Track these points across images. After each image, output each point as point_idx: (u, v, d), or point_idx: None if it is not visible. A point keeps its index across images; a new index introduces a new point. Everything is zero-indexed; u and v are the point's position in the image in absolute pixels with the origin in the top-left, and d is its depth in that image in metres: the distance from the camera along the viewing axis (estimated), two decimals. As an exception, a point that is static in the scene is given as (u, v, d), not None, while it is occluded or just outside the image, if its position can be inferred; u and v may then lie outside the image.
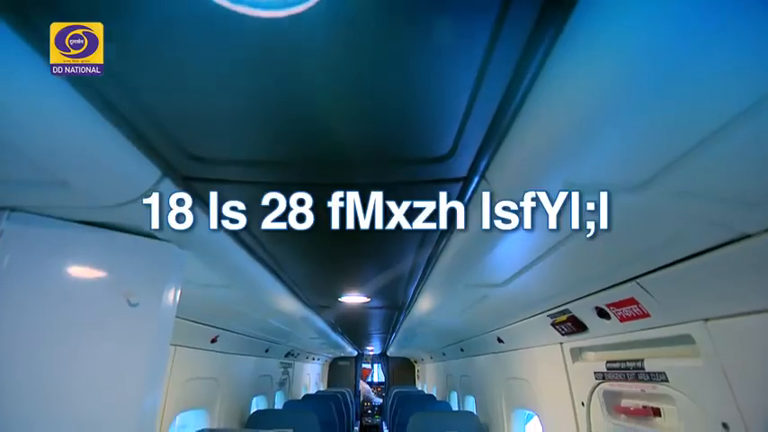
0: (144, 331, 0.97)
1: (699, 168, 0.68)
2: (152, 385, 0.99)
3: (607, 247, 1.07)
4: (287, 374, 5.09)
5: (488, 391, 3.21)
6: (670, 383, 1.26)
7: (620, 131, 0.63)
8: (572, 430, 1.85)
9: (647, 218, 0.86)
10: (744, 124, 0.58)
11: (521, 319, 2.08)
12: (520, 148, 0.70)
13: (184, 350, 2.34)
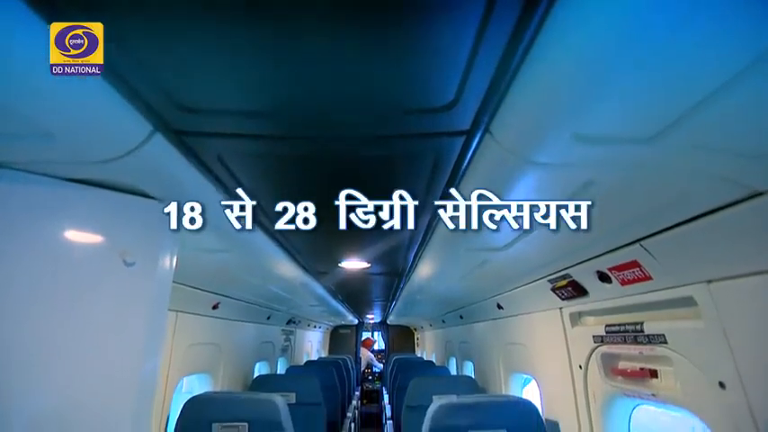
0: (141, 293, 0.96)
1: (713, 120, 0.65)
2: (151, 349, 0.98)
3: (612, 209, 1.05)
4: (289, 341, 5.18)
5: (487, 356, 3.27)
6: (669, 345, 1.26)
7: (629, 82, 0.60)
8: (569, 393, 1.88)
9: (656, 175, 0.83)
10: (760, 72, 0.55)
11: (521, 284, 2.09)
12: (525, 99, 0.66)
13: (186, 316, 2.36)
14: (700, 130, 0.67)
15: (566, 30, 0.53)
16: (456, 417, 1.79)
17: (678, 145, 0.71)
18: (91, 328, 0.90)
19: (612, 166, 0.79)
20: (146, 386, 0.97)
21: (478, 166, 0.83)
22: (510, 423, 1.81)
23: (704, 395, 1.16)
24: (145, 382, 0.96)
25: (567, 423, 1.90)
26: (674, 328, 1.25)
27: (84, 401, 0.89)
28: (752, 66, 0.54)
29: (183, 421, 1.98)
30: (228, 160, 0.89)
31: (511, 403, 1.89)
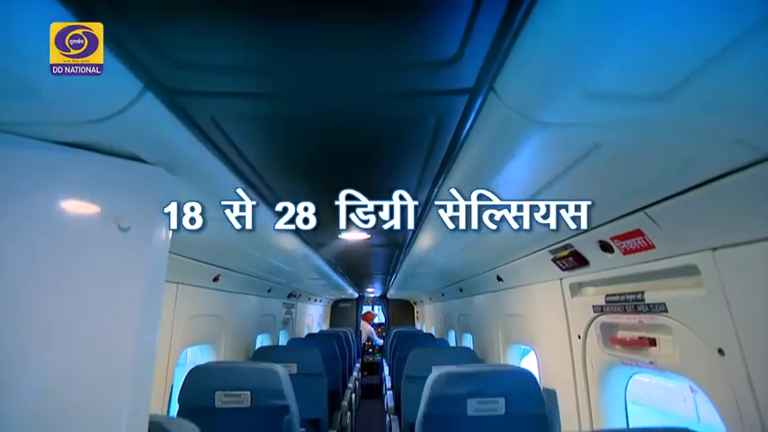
0: (138, 259, 0.94)
1: (726, 78, 0.62)
2: (150, 317, 0.97)
3: (618, 175, 1.03)
4: (290, 314, 5.24)
5: (486, 328, 3.30)
6: (669, 314, 1.26)
7: (639, 36, 0.56)
8: (567, 362, 1.90)
9: (665, 137, 0.80)
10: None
11: (521, 256, 2.08)
12: (532, 54, 0.63)
13: (187, 288, 2.37)
14: (712, 88, 0.64)
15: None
16: (455, 385, 1.82)
17: (689, 104, 0.68)
18: (88, 296, 0.89)
19: (621, 127, 0.77)
20: (145, 355, 0.96)
21: (482, 127, 0.81)
22: (508, 391, 1.84)
23: (702, 362, 1.16)
24: (144, 351, 0.95)
25: (565, 392, 1.93)
26: (674, 297, 1.25)
27: (81, 372, 0.87)
28: (765, 21, 0.51)
29: (187, 390, 2.01)
30: (223, 122, 0.86)
31: (509, 372, 1.92)
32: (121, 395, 0.90)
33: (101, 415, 0.88)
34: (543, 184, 1.13)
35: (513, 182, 1.12)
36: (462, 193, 1.32)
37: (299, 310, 5.88)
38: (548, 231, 1.64)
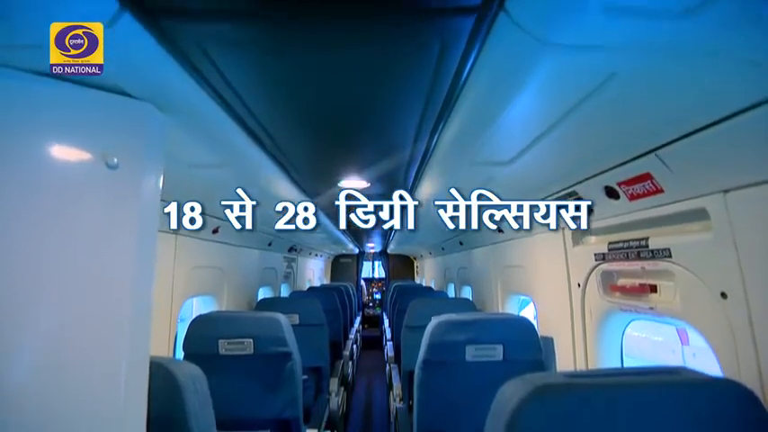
0: (128, 200, 0.90)
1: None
2: (144, 260, 0.93)
3: (632, 112, 0.97)
4: (291, 269, 5.30)
5: (485, 280, 3.33)
6: (673, 259, 1.25)
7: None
8: (565, 311, 1.92)
9: (686, 65, 0.74)
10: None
11: (523, 206, 2.06)
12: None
13: (186, 239, 2.36)
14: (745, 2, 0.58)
15: None
16: (454, 332, 1.84)
17: (718, 20, 0.62)
18: (80, 237, 0.86)
19: (641, 52, 0.71)
20: (142, 297, 0.94)
21: (490, 53, 0.74)
22: (506, 338, 1.86)
23: (703, 306, 1.16)
24: (140, 291, 0.93)
25: (562, 339, 1.96)
26: (679, 242, 1.23)
27: (79, 317, 0.86)
28: None
29: (191, 338, 2.05)
30: (212, 51, 0.79)
31: (508, 320, 1.94)
32: (120, 338, 0.90)
33: (101, 358, 0.88)
34: (551, 123, 1.07)
35: (519, 120, 1.07)
36: (465, 138, 1.27)
37: (300, 265, 5.94)
38: (551, 179, 1.61)
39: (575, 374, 0.84)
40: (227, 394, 1.98)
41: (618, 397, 0.78)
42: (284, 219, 1.31)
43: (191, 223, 0.84)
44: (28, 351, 0.82)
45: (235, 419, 1.99)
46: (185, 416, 1.01)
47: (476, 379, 1.84)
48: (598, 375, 0.85)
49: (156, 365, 1.02)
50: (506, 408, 0.78)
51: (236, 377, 2.04)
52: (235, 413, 2.01)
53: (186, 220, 0.88)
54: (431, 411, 1.86)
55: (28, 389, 0.80)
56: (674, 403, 0.78)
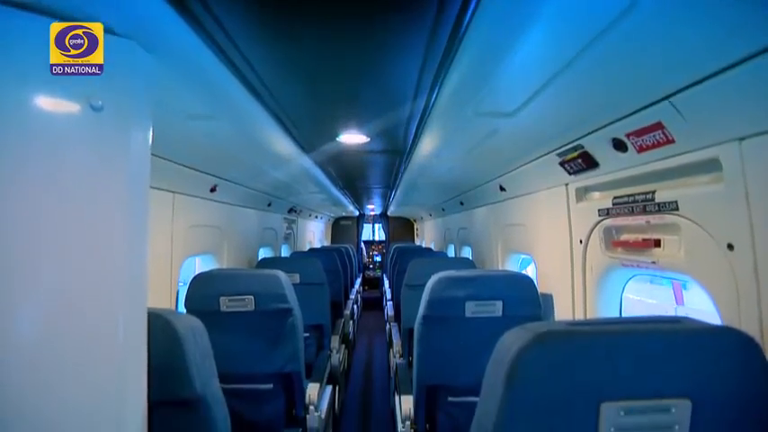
0: (117, 148, 0.86)
1: None
2: (135, 216, 0.90)
3: (648, 53, 0.91)
4: (291, 230, 5.30)
5: (485, 239, 3.33)
6: (679, 212, 1.22)
7: None
8: (566, 268, 1.92)
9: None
10: None
11: (526, 161, 2.01)
12: None
13: (184, 198, 2.33)
14: None
15: None
16: (454, 288, 1.84)
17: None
18: (69, 186, 0.83)
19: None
20: (136, 247, 0.92)
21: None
22: (506, 294, 1.86)
23: (708, 259, 1.14)
24: (134, 240, 0.91)
25: (561, 296, 1.97)
26: (687, 195, 1.20)
27: (71, 275, 0.83)
28: None
29: (192, 296, 2.05)
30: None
31: (508, 276, 1.94)
32: (116, 289, 0.88)
33: (98, 309, 0.86)
34: (558, 69, 1.02)
35: (524, 67, 1.02)
36: (468, 88, 1.21)
37: (300, 226, 5.95)
38: (557, 132, 1.55)
39: (575, 323, 0.83)
40: (229, 350, 2.01)
41: (619, 344, 0.77)
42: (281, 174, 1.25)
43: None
44: (23, 305, 0.80)
45: (238, 374, 2.04)
46: (186, 365, 1.01)
47: (475, 334, 1.86)
48: (599, 324, 0.84)
49: (156, 316, 1.02)
50: (507, 356, 0.77)
51: (238, 333, 2.07)
52: (238, 368, 2.05)
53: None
54: (430, 365, 1.89)
55: (27, 342, 0.79)
56: (674, 350, 0.77)
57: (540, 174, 1.99)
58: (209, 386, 1.08)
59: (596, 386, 0.76)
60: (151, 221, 1.99)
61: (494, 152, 1.98)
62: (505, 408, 0.76)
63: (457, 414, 1.95)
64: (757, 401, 0.77)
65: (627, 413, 0.76)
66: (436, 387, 1.93)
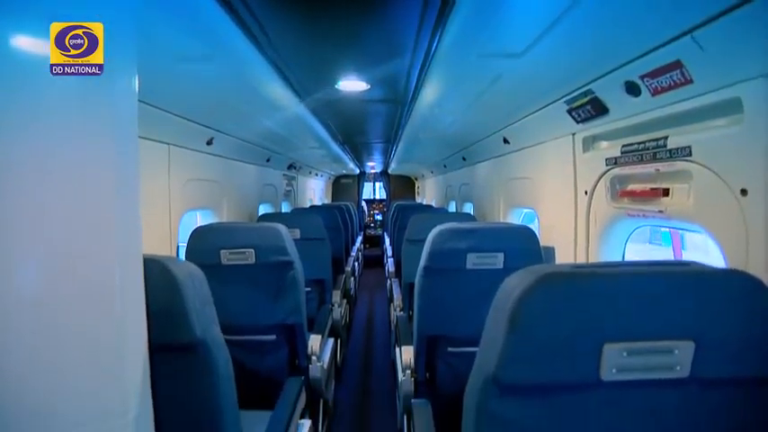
0: (98, 96, 0.80)
1: None
2: (124, 156, 0.85)
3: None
4: (291, 187, 5.26)
5: (487, 194, 3.30)
6: (692, 158, 1.17)
7: None
8: (569, 221, 1.89)
9: None
10: None
11: (532, 111, 1.94)
12: None
13: (180, 150, 2.28)
14: None
15: None
16: (456, 240, 1.82)
17: None
18: (45, 138, 0.77)
19: None
20: (127, 197, 0.88)
21: None
22: (508, 246, 1.84)
23: (718, 205, 1.11)
24: (126, 191, 0.87)
25: (564, 249, 1.96)
26: (701, 140, 1.15)
27: (63, 222, 0.80)
28: None
29: (192, 249, 2.04)
30: None
31: (510, 228, 1.91)
32: (109, 235, 0.85)
33: (93, 255, 0.84)
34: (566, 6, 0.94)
35: (532, 3, 0.94)
36: (473, 26, 1.13)
37: (301, 184, 5.90)
38: (566, 76, 1.48)
39: (579, 266, 0.81)
40: (231, 302, 2.02)
41: (623, 285, 0.75)
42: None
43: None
44: (15, 257, 0.77)
45: (240, 326, 2.06)
46: (185, 310, 1.00)
47: (475, 286, 1.86)
48: (603, 266, 0.82)
49: (154, 262, 1.00)
50: (510, 298, 0.75)
51: (239, 286, 2.07)
52: (240, 320, 2.07)
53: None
54: (431, 317, 1.90)
55: (27, 294, 0.77)
56: (680, 291, 0.75)
57: (546, 124, 1.93)
58: (210, 331, 1.08)
59: (599, 327, 0.75)
60: (147, 174, 1.96)
61: (498, 101, 1.90)
62: (507, 350, 0.75)
63: (456, 364, 1.98)
64: (761, 343, 0.76)
65: (629, 354, 0.76)
66: (436, 337, 1.95)
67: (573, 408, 0.81)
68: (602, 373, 0.76)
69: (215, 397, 1.11)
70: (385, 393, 3.11)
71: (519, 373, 0.76)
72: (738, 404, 0.82)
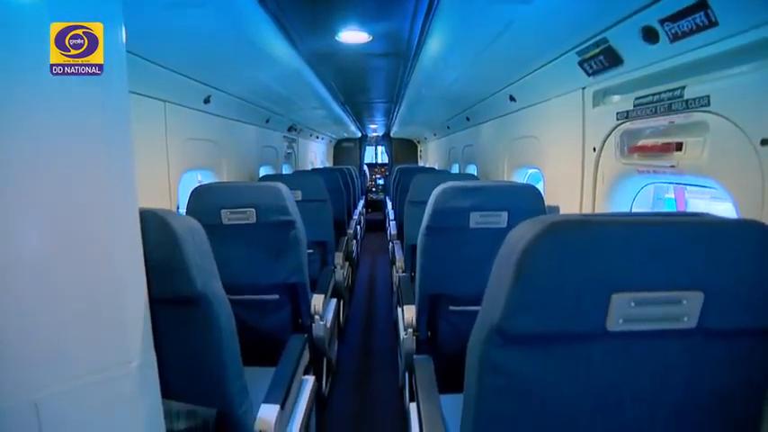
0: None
1: None
2: (114, 109, 0.81)
3: None
4: (292, 149, 5.19)
5: (491, 155, 3.24)
6: (710, 107, 1.12)
7: None
8: (575, 179, 1.85)
9: None
10: None
11: (541, 65, 1.86)
12: None
13: (176, 108, 2.21)
14: None
15: None
16: (459, 198, 1.79)
17: None
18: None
19: None
20: (119, 150, 0.84)
21: None
22: (512, 205, 1.81)
23: (735, 158, 1.07)
24: (118, 145, 0.83)
25: (569, 208, 1.93)
26: (721, 88, 1.09)
27: (56, 176, 0.77)
28: None
29: (193, 209, 2.02)
30: None
31: (514, 187, 1.87)
32: (103, 189, 0.82)
33: (88, 208, 0.81)
34: None
35: None
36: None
37: (302, 147, 5.82)
38: (578, 25, 1.40)
39: (589, 215, 0.78)
40: (233, 262, 2.02)
41: (634, 234, 0.72)
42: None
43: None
44: (18, 219, 0.75)
45: (243, 285, 2.06)
46: (185, 264, 0.99)
47: (478, 245, 1.84)
48: (613, 215, 0.79)
49: (152, 214, 0.98)
50: (517, 246, 0.73)
51: (241, 246, 2.06)
52: (242, 280, 2.07)
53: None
54: (433, 275, 1.89)
55: (24, 251, 0.75)
56: (693, 241, 0.73)
57: (556, 78, 1.85)
58: (211, 285, 1.07)
59: (608, 277, 0.73)
60: (143, 131, 1.91)
61: (506, 54, 1.81)
62: (513, 300, 0.73)
63: (458, 322, 1.99)
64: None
65: (637, 304, 0.74)
66: (438, 296, 1.96)
67: (576, 358, 0.80)
68: (609, 324, 0.75)
69: (218, 351, 1.12)
70: (387, 353, 3.17)
71: (524, 323, 0.74)
72: (744, 355, 0.82)
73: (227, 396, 1.16)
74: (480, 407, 0.84)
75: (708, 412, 0.86)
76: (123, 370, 0.81)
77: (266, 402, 1.37)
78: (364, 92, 3.30)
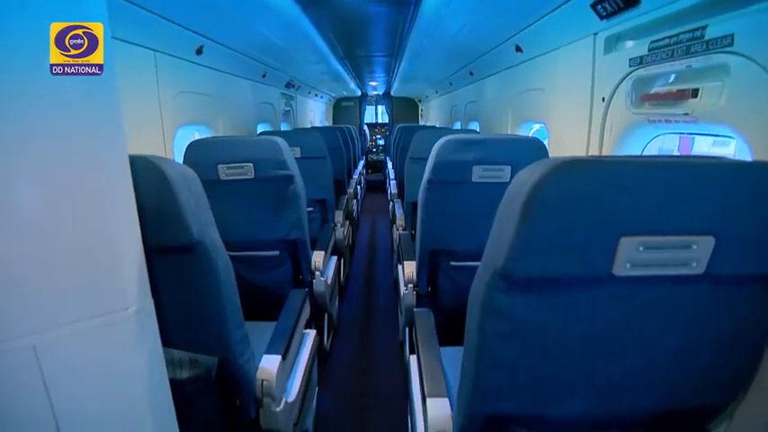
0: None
1: None
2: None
3: None
4: (290, 107, 5.06)
5: (495, 110, 3.15)
6: (733, 48, 1.05)
7: None
8: (582, 132, 1.79)
9: None
10: None
11: (552, 9, 1.75)
12: None
13: (167, 59, 2.12)
14: None
15: None
16: (462, 151, 1.74)
17: None
18: None
19: None
20: (105, 97, 0.79)
21: None
22: (515, 159, 1.76)
23: (755, 103, 1.02)
24: (102, 91, 0.78)
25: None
26: (747, 25, 1.02)
27: (40, 124, 0.72)
28: None
29: (188, 164, 1.96)
30: None
31: (518, 140, 1.82)
32: (90, 134, 0.78)
33: (76, 157, 0.77)
34: None
35: None
36: None
37: (300, 105, 5.67)
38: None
39: (601, 156, 0.74)
40: (232, 218, 1.99)
41: (647, 174, 0.69)
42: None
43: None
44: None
45: (242, 242, 2.05)
46: (180, 211, 0.96)
47: (481, 200, 1.80)
48: (627, 157, 0.75)
49: (143, 160, 0.94)
50: (524, 187, 0.70)
51: (239, 202, 2.03)
52: (242, 236, 2.05)
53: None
54: (434, 230, 1.87)
55: (20, 206, 0.72)
56: (707, 183, 0.69)
57: (566, 24, 1.75)
58: (208, 234, 1.05)
59: (618, 219, 0.70)
60: (134, 83, 1.83)
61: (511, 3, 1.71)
62: (518, 242, 0.70)
63: (459, 278, 1.99)
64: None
65: (646, 248, 0.72)
66: (439, 252, 1.94)
67: (580, 303, 0.79)
68: (616, 268, 0.73)
69: (217, 300, 1.11)
70: (387, 309, 3.22)
71: (528, 266, 0.72)
72: (748, 302, 0.80)
73: (228, 345, 1.16)
74: (481, 352, 0.83)
75: (707, 358, 0.85)
76: (120, 316, 0.80)
77: (268, 353, 1.38)
78: (364, 44, 3.16)
